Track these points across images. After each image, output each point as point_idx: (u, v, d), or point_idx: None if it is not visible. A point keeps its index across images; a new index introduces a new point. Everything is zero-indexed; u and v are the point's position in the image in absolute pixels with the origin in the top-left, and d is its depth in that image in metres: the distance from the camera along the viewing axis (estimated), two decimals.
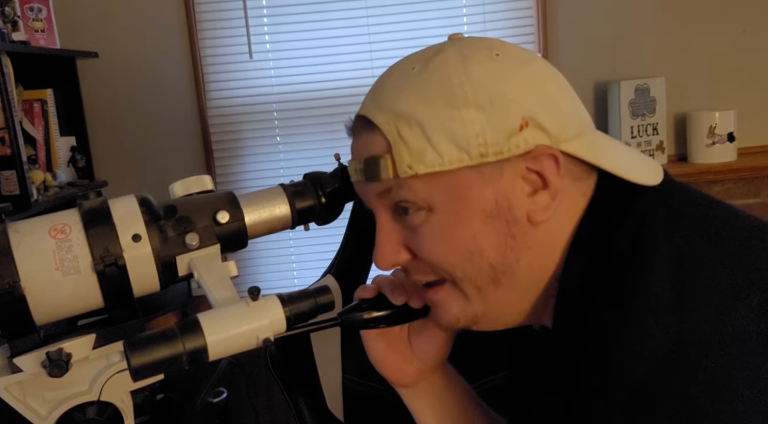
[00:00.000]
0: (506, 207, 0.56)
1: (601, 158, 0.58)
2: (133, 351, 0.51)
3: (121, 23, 2.47)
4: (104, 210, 0.58)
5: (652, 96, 2.50)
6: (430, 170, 0.55)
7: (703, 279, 0.48)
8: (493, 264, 0.57)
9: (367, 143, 0.59)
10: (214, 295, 0.59)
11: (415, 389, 0.72)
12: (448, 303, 0.60)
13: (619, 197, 0.57)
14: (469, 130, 0.54)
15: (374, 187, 0.59)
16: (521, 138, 0.55)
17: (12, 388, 0.59)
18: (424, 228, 0.57)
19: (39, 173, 2.08)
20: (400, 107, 0.56)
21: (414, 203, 0.57)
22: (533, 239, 0.57)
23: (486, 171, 0.56)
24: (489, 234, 0.56)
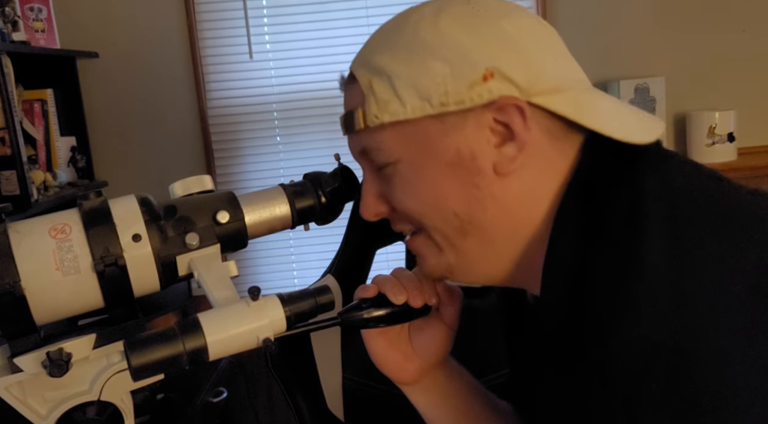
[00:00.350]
0: (468, 157, 0.57)
1: (583, 115, 0.57)
2: (133, 351, 0.51)
3: (121, 23, 2.47)
4: (104, 210, 0.58)
5: (652, 96, 2.50)
6: (393, 119, 0.57)
7: (701, 242, 0.47)
8: (458, 214, 0.58)
9: (349, 97, 0.62)
10: (214, 295, 0.59)
11: (419, 386, 0.72)
12: (423, 253, 0.62)
13: (610, 163, 0.55)
14: (432, 80, 0.56)
15: (354, 144, 0.62)
16: (485, 88, 0.55)
17: (12, 388, 0.59)
18: (394, 179, 0.60)
19: (39, 173, 2.08)
20: (374, 61, 0.59)
21: (383, 157, 0.59)
22: (501, 190, 0.57)
23: (448, 121, 0.57)
24: (451, 183, 0.57)
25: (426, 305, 0.67)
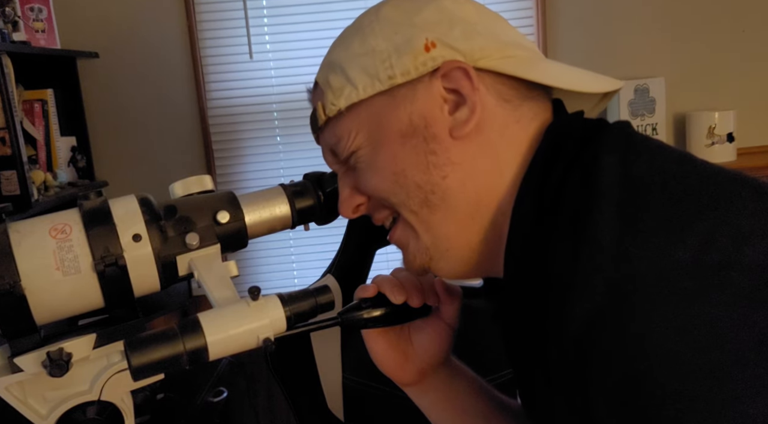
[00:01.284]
0: (422, 125, 0.58)
1: (531, 73, 0.58)
2: (134, 351, 0.51)
3: (121, 23, 2.47)
4: (105, 210, 0.58)
5: (652, 96, 2.50)
6: (348, 103, 0.60)
7: (649, 220, 0.46)
8: (419, 184, 0.58)
9: (313, 102, 0.65)
10: (215, 295, 0.59)
11: (421, 386, 0.72)
12: (403, 240, 0.62)
13: (572, 136, 0.55)
14: (377, 58, 0.59)
15: (324, 147, 0.65)
16: (429, 57, 0.58)
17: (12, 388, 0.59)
18: (359, 164, 0.61)
19: (39, 173, 2.08)
20: (329, 59, 0.63)
21: (346, 146, 0.61)
22: (458, 154, 0.58)
23: (398, 94, 0.59)
24: (408, 153, 0.58)
25: (426, 305, 0.67)
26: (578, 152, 0.53)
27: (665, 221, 0.46)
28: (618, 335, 0.43)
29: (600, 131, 0.54)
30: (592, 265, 0.45)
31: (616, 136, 0.54)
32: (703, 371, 0.40)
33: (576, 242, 0.47)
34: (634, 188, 0.48)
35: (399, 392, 0.75)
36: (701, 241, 0.44)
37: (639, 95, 2.49)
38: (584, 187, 0.50)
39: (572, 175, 0.51)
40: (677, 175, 0.49)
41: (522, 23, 2.53)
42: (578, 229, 0.48)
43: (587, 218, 0.47)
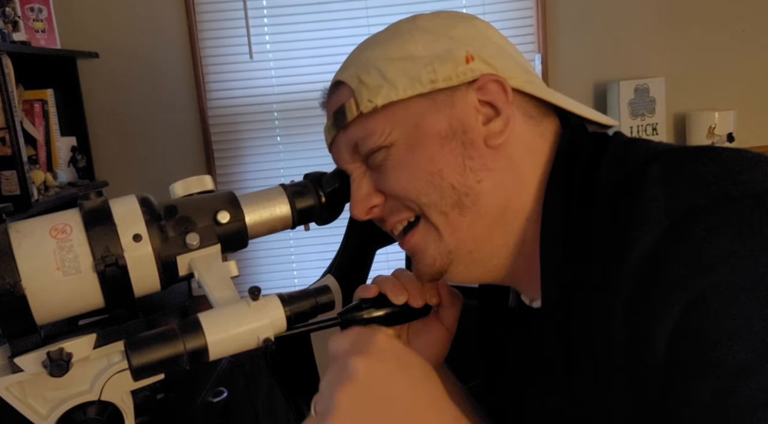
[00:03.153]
0: (461, 130, 0.61)
1: (554, 98, 0.63)
2: (134, 351, 0.51)
3: (122, 23, 2.47)
4: (105, 210, 0.58)
5: (652, 96, 2.50)
6: (386, 101, 0.61)
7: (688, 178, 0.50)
8: (454, 185, 0.60)
9: (335, 100, 0.65)
10: (215, 295, 0.59)
11: None
12: (423, 244, 0.63)
13: (587, 144, 0.60)
14: (419, 62, 0.61)
15: (344, 143, 0.64)
16: (468, 68, 0.61)
17: (13, 388, 0.59)
18: (388, 162, 0.62)
19: (39, 173, 2.08)
20: (359, 60, 0.65)
21: (376, 141, 0.62)
22: (493, 161, 0.61)
23: (438, 99, 0.61)
24: (446, 155, 0.60)
25: (426, 306, 0.67)
26: (597, 154, 0.58)
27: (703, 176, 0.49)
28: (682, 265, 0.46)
29: (606, 139, 0.60)
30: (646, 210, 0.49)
31: (623, 140, 0.60)
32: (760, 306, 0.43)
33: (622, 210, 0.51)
34: (666, 169, 0.51)
35: None
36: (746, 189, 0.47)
37: (639, 95, 2.49)
38: (618, 175, 0.54)
39: (601, 170, 0.56)
40: (698, 150, 0.53)
41: (522, 23, 2.53)
42: (621, 204, 0.51)
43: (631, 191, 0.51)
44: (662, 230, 0.47)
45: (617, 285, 0.49)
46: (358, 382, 0.45)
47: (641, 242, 0.48)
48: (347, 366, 0.46)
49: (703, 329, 0.44)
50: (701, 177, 0.49)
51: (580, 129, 0.64)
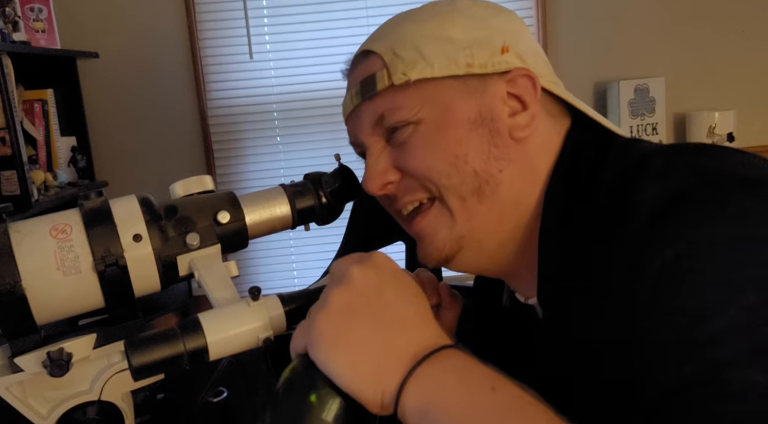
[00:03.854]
0: (489, 118, 0.61)
1: (574, 101, 0.65)
2: (134, 351, 0.51)
3: (122, 23, 2.47)
4: (105, 210, 0.58)
5: (652, 96, 2.50)
6: (421, 76, 0.60)
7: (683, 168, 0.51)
8: (477, 171, 0.60)
9: (363, 69, 0.65)
10: (215, 295, 0.59)
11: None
12: (434, 227, 0.62)
13: (595, 142, 0.61)
14: (457, 44, 0.61)
15: (369, 113, 0.63)
16: (503, 59, 0.62)
17: (13, 388, 0.59)
18: (413, 139, 0.61)
19: (39, 173, 2.08)
20: (394, 33, 0.64)
21: (403, 116, 0.61)
22: (515, 153, 0.61)
23: (470, 84, 0.61)
24: (473, 140, 0.60)
25: None
26: (602, 154, 0.58)
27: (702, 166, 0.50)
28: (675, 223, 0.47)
29: (611, 139, 0.61)
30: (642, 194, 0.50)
31: (627, 141, 0.60)
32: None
33: (618, 201, 0.51)
34: (667, 167, 0.52)
35: None
36: (743, 175, 0.48)
37: (639, 95, 2.49)
38: (618, 171, 0.54)
39: (603, 167, 0.57)
40: (699, 146, 0.54)
41: None
42: (619, 194, 0.52)
43: (627, 183, 0.52)
44: (656, 207, 0.48)
45: (612, 271, 0.49)
46: (352, 285, 0.50)
47: (635, 219, 0.49)
48: (345, 273, 0.51)
49: (689, 274, 0.45)
50: (699, 167, 0.50)
51: (587, 129, 0.64)
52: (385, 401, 0.46)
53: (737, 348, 0.42)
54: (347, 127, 0.68)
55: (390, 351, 0.47)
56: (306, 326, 0.50)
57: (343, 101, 0.68)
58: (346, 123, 0.68)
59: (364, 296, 0.49)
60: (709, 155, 0.52)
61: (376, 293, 0.50)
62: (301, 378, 0.49)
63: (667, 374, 0.43)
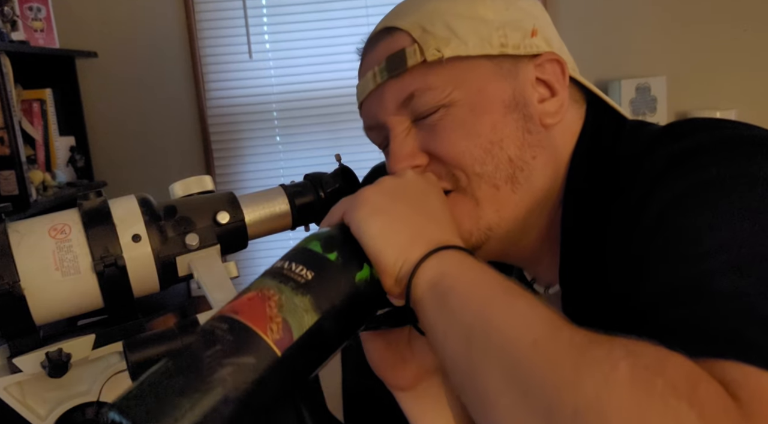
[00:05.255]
0: (522, 103, 0.60)
1: (592, 87, 0.65)
2: (133, 351, 0.51)
3: (121, 23, 2.47)
4: (104, 210, 0.58)
5: (653, 95, 2.50)
6: (455, 54, 0.58)
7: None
8: (512, 158, 0.59)
9: (388, 45, 0.61)
10: (214, 296, 0.58)
11: (413, 392, 0.71)
12: (458, 217, 0.60)
13: (610, 126, 0.62)
14: (491, 24, 0.59)
15: (396, 92, 0.61)
16: (533, 42, 0.60)
17: (11, 388, 0.59)
18: (445, 122, 0.59)
19: (38, 173, 2.08)
20: (422, 9, 0.61)
21: (436, 98, 0.59)
22: (546, 139, 0.60)
23: (504, 66, 0.60)
24: (508, 125, 0.59)
25: None
26: (615, 137, 0.60)
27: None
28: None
29: (623, 124, 0.62)
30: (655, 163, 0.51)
31: (638, 123, 0.62)
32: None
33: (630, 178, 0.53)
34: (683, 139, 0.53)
35: None
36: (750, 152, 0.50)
37: (640, 94, 2.49)
38: (635, 148, 0.55)
39: (621, 146, 0.58)
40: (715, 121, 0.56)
41: None
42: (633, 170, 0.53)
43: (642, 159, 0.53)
44: (663, 163, 0.50)
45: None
46: (405, 178, 0.55)
47: (640, 184, 0.50)
48: (400, 172, 0.56)
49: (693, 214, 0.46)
50: (708, 133, 0.52)
51: (602, 113, 0.64)
52: (402, 271, 0.48)
53: (727, 265, 0.42)
54: (362, 110, 0.66)
55: (423, 232, 0.50)
56: (350, 198, 0.53)
57: (358, 84, 0.65)
58: (362, 105, 0.65)
59: (413, 188, 0.53)
60: (717, 125, 0.54)
61: (423, 191, 0.54)
62: (330, 236, 0.51)
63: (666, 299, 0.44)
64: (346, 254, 0.49)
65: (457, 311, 0.44)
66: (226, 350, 0.42)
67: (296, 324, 0.45)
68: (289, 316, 0.45)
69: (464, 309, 0.44)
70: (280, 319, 0.44)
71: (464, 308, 0.44)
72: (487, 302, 0.44)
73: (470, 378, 0.42)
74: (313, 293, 0.47)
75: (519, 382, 0.38)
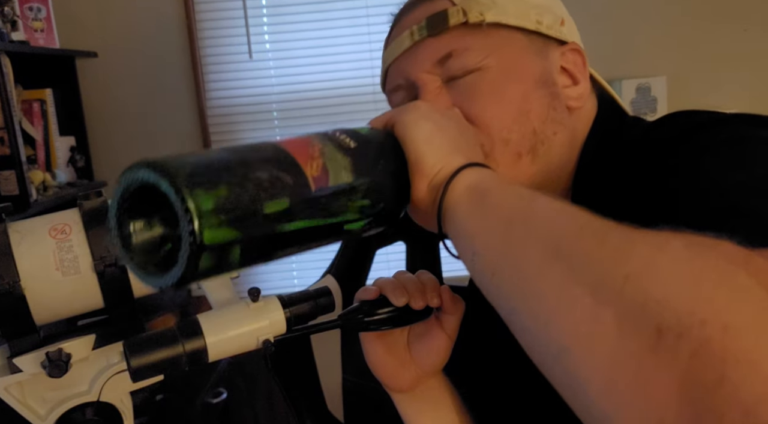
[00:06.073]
0: (551, 81, 0.62)
1: (602, 81, 0.68)
2: (133, 352, 0.51)
3: (121, 23, 2.47)
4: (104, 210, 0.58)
5: (654, 95, 2.50)
6: (496, 20, 0.60)
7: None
8: (536, 130, 0.60)
9: (429, 8, 0.63)
10: (214, 296, 0.59)
11: (410, 394, 0.71)
12: None
13: (615, 115, 0.65)
14: (527, 3, 0.62)
15: (433, 50, 0.62)
16: (562, 30, 0.64)
17: (12, 388, 0.59)
18: (478, 85, 0.61)
19: (38, 173, 2.08)
20: None
21: (473, 59, 0.60)
22: (567, 120, 0.63)
23: (536, 44, 0.62)
24: (537, 99, 0.61)
25: (427, 308, 0.67)
26: (620, 126, 0.64)
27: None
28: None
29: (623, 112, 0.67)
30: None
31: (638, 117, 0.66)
32: None
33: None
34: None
35: None
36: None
37: (641, 94, 2.49)
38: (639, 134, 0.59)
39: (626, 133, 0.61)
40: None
41: None
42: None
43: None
44: (673, 136, 0.52)
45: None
46: (454, 112, 0.58)
47: (654, 151, 0.53)
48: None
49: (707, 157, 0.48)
50: (710, 113, 0.54)
51: (611, 106, 0.67)
52: (440, 175, 0.49)
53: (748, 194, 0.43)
54: (391, 70, 0.67)
55: (464, 149, 0.51)
56: (400, 107, 0.54)
57: (387, 49, 0.67)
58: (391, 66, 0.67)
59: (457, 118, 0.56)
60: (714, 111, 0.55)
61: (466, 125, 0.57)
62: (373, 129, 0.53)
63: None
64: (386, 147, 0.52)
65: (496, 205, 0.44)
66: (270, 161, 0.43)
67: (333, 173, 0.46)
68: (329, 164, 0.47)
69: (503, 203, 0.44)
70: (321, 162, 0.46)
71: (503, 203, 0.44)
72: (529, 198, 0.43)
73: (510, 264, 0.40)
74: (352, 159, 0.48)
75: (565, 257, 0.36)
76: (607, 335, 0.31)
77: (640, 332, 0.29)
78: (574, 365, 0.33)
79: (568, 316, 0.34)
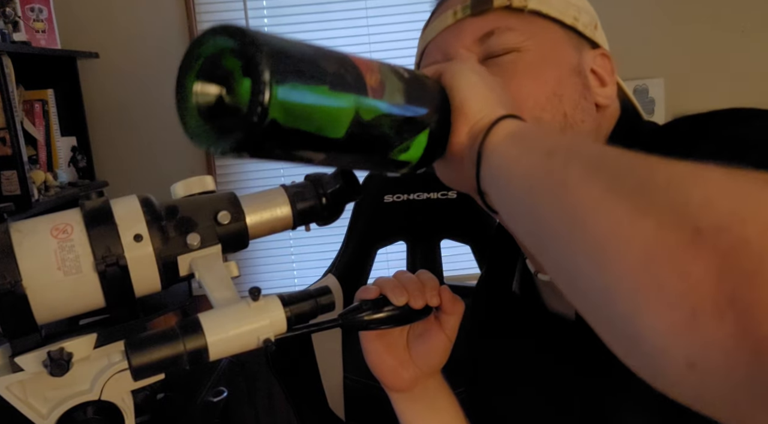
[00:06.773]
0: (584, 73, 0.65)
1: (625, 87, 0.71)
2: (134, 351, 0.51)
3: (122, 24, 2.48)
4: (106, 210, 0.58)
5: (651, 97, 2.50)
6: (537, 8, 0.63)
7: None
8: (566, 114, 0.62)
9: None
10: (215, 295, 0.59)
11: (408, 394, 0.71)
12: None
13: (637, 122, 0.68)
14: (568, 2, 0.66)
15: (476, 28, 0.64)
16: (596, 33, 0.68)
17: (13, 387, 0.59)
18: (518, 64, 0.63)
19: (40, 173, 2.08)
20: None
21: (514, 39, 0.63)
22: (594, 114, 0.65)
23: (573, 39, 0.65)
24: (571, 85, 0.63)
25: (427, 307, 0.67)
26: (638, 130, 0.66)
27: None
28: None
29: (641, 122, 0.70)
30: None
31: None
32: None
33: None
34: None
35: None
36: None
37: (638, 96, 2.49)
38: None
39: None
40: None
41: None
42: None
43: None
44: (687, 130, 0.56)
45: None
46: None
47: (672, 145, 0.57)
48: None
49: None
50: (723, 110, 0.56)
51: (634, 110, 0.70)
52: (482, 122, 0.50)
53: None
54: (430, 46, 0.69)
55: (509, 106, 0.53)
56: (448, 62, 0.57)
57: (427, 29, 0.69)
58: (430, 43, 0.68)
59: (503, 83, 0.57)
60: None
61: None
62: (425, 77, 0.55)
63: None
64: (435, 90, 0.53)
65: (538, 139, 0.45)
66: (337, 58, 0.47)
67: (389, 91, 0.49)
68: (386, 81, 0.49)
69: (545, 138, 0.45)
70: (379, 76, 0.49)
71: (545, 138, 0.45)
72: (571, 136, 0.46)
73: (550, 181, 0.39)
74: (406, 85, 0.51)
75: (607, 168, 0.36)
76: (645, 233, 0.31)
77: (680, 228, 0.30)
78: (608, 261, 0.32)
79: (607, 217, 0.33)
